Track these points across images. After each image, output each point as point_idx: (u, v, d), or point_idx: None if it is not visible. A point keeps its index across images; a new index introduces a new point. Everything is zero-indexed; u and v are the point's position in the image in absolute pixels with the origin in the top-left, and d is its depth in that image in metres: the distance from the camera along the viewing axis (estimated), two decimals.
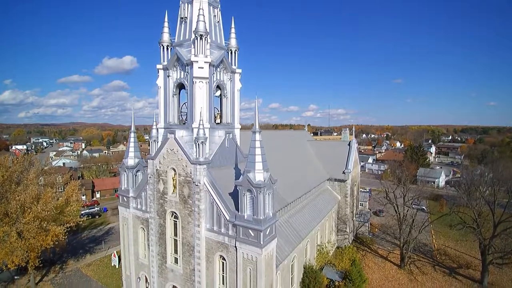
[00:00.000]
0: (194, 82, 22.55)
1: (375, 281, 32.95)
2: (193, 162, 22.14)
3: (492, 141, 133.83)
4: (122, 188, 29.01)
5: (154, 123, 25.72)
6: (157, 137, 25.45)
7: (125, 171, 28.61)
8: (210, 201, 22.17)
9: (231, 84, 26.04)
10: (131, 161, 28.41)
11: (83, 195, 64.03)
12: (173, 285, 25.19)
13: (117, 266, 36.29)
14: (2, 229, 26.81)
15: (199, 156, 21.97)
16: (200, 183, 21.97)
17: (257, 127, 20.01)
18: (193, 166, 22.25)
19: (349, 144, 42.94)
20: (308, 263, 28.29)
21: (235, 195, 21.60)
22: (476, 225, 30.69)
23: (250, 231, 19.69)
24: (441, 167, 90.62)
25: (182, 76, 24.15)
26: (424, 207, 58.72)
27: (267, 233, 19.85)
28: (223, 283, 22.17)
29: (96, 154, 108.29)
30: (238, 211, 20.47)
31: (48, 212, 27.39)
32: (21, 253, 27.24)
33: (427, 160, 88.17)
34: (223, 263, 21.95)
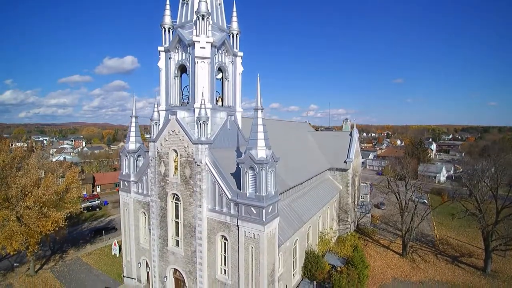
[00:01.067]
0: (196, 62, 22.50)
1: (377, 268, 32.74)
2: (194, 142, 22.05)
3: (493, 139, 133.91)
4: (123, 173, 28.93)
5: (155, 106, 25.65)
6: (158, 120, 25.38)
7: (126, 156, 28.55)
8: (212, 181, 22.06)
9: (233, 67, 25.99)
10: (132, 145, 28.34)
11: (84, 190, 63.89)
12: (174, 268, 25.05)
13: (117, 255, 36.09)
14: (2, 213, 26.73)
15: (200, 136, 21.88)
16: (201, 163, 21.87)
17: (259, 104, 19.94)
18: (194, 146, 22.16)
19: (350, 134, 42.86)
20: (310, 249, 28.12)
21: (237, 175, 21.51)
22: (479, 210, 30.50)
23: (252, 208, 19.57)
24: (442, 163, 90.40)
25: (183, 58, 24.12)
26: (425, 200, 58.51)
27: (269, 210, 19.73)
28: (224, 264, 22.02)
29: (97, 151, 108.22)
30: (240, 190, 20.36)
31: (49, 196, 27.28)
32: (20, 237, 27.13)
33: (428, 155, 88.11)
34: (225, 243, 21.81)
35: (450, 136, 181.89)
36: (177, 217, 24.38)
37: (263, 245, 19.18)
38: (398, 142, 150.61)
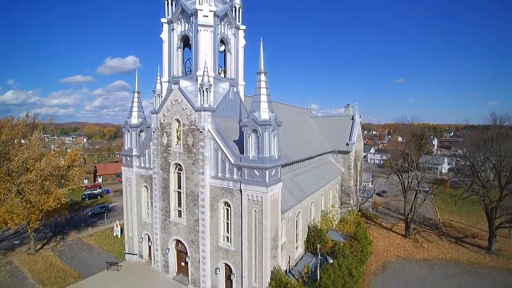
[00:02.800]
0: (199, 30, 22.57)
1: (380, 247, 32.49)
2: (197, 109, 22.04)
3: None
4: (126, 148, 28.93)
5: (158, 78, 25.68)
6: (161, 91, 25.39)
7: (129, 131, 28.55)
8: (215, 148, 22.02)
9: (235, 40, 26.05)
10: (134, 120, 28.38)
11: (86, 179, 64.00)
12: (177, 240, 24.93)
13: (119, 236, 35.98)
14: (4, 186, 26.71)
15: (203, 103, 21.88)
16: (204, 129, 21.84)
17: (261, 67, 19.95)
18: (197, 114, 22.14)
19: (352, 118, 42.79)
20: (312, 223, 27.95)
21: (239, 143, 21.48)
22: (482, 186, 30.26)
23: (255, 171, 19.50)
24: (443, 156, 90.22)
25: (186, 28, 24.19)
26: (427, 189, 58.19)
27: (272, 173, 19.64)
28: (227, 231, 21.90)
29: (97, 146, 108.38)
30: (243, 154, 20.30)
31: (51, 170, 27.27)
32: (22, 212, 27.07)
33: (430, 148, 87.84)
34: (227, 209, 21.71)
35: (452, 134, 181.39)
36: (179, 187, 24.32)
37: (266, 207, 19.07)
38: (400, 139, 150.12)
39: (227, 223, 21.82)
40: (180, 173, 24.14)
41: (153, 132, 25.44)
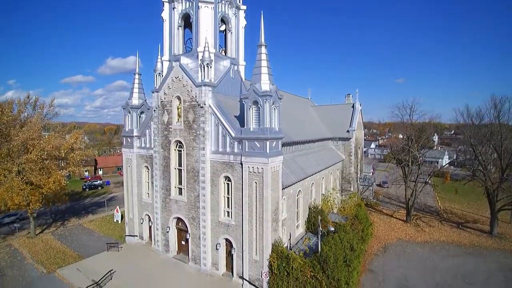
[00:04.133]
0: (200, 7, 22.64)
1: (381, 231, 32.41)
2: (198, 84, 22.06)
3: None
4: (126, 130, 28.94)
5: (159, 57, 25.73)
6: (162, 70, 25.44)
7: (129, 112, 28.57)
8: (215, 123, 22.02)
9: (236, 20, 26.10)
10: (135, 101, 28.42)
11: (86, 171, 63.99)
12: (177, 218, 24.89)
13: (119, 222, 35.92)
14: (4, 166, 26.71)
15: (204, 78, 21.91)
16: (205, 105, 21.85)
17: (262, 40, 19.97)
18: (198, 89, 22.16)
19: (352, 106, 42.80)
20: (313, 204, 27.89)
21: (240, 119, 21.48)
22: (483, 167, 30.17)
23: (256, 142, 19.48)
24: (444, 150, 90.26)
25: (187, 6, 24.21)
26: (428, 181, 58.12)
27: (273, 145, 19.62)
28: (228, 206, 21.85)
29: (98, 143, 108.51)
30: (244, 127, 20.30)
31: (51, 148, 27.30)
32: (22, 191, 26.98)
33: (431, 142, 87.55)
34: (228, 184, 21.67)
35: (452, 132, 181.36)
36: (180, 165, 24.31)
37: (267, 178, 19.02)
38: (400, 136, 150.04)
39: (228, 197, 21.78)
40: (180, 151, 24.13)
41: (154, 110, 25.46)
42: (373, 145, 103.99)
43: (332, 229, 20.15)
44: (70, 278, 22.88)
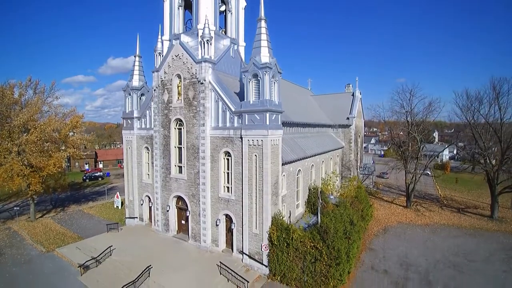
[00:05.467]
0: None
1: (381, 215, 32.34)
2: (198, 61, 22.12)
3: None
4: (126, 111, 28.99)
5: (159, 36, 25.82)
6: (162, 50, 25.52)
7: (130, 94, 28.64)
8: (215, 99, 22.06)
9: (236, 0, 26.21)
10: (135, 82, 28.48)
11: (86, 164, 63.99)
12: (177, 197, 24.89)
13: (119, 208, 35.93)
14: (4, 146, 26.75)
15: (204, 54, 21.99)
16: (205, 81, 21.91)
17: (262, 14, 20.04)
18: (198, 66, 22.23)
19: (352, 95, 42.86)
20: (313, 185, 27.87)
21: (240, 95, 21.53)
22: (483, 149, 30.11)
23: (256, 115, 19.51)
24: (444, 144, 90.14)
25: None
26: (428, 172, 58.16)
27: (273, 118, 19.64)
28: (227, 181, 21.85)
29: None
30: (244, 100, 20.34)
31: (51, 130, 27.36)
32: (21, 172, 27.00)
33: (431, 137, 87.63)
34: (228, 159, 21.69)
35: (453, 130, 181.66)
36: (180, 143, 24.34)
37: (267, 150, 19.03)
38: (401, 133, 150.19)
39: (228, 173, 21.78)
40: (180, 129, 24.17)
41: (154, 90, 25.52)
42: (373, 140, 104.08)
43: (332, 196, 20.08)
44: (69, 256, 22.87)
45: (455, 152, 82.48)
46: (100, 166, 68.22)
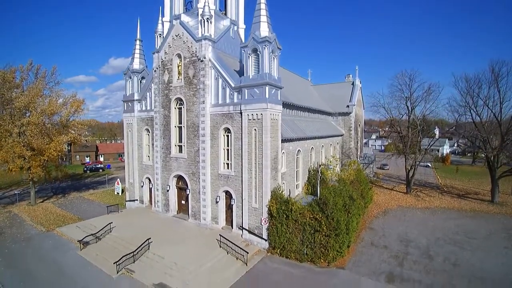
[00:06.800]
0: None
1: (381, 200, 32.29)
2: (198, 39, 22.27)
3: None
4: (127, 95, 29.14)
5: (160, 18, 26.00)
6: (162, 31, 25.70)
7: (130, 77, 28.79)
8: (215, 77, 22.17)
9: None
10: (136, 65, 28.65)
11: (87, 157, 64.13)
12: (177, 175, 24.92)
13: (120, 194, 35.99)
14: (5, 127, 26.89)
15: (204, 32, 22.13)
16: (205, 58, 22.03)
17: None
18: (198, 44, 22.37)
19: (352, 84, 42.95)
20: (313, 167, 27.88)
21: (240, 73, 21.62)
22: (484, 131, 30.05)
23: (255, 89, 19.60)
24: (445, 139, 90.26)
25: None
26: (429, 164, 58.16)
27: (272, 92, 19.73)
28: (227, 158, 21.91)
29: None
30: (244, 75, 20.44)
31: (51, 112, 27.52)
32: (22, 151, 27.08)
33: (431, 132, 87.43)
34: (227, 136, 21.76)
35: (453, 128, 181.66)
36: (180, 122, 24.44)
37: (266, 123, 19.10)
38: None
39: (227, 149, 21.85)
40: (181, 108, 24.28)
41: (154, 71, 25.66)
42: (373, 136, 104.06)
43: (331, 166, 20.05)
44: (69, 233, 22.94)
45: (455, 146, 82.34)
46: (101, 159, 68.43)
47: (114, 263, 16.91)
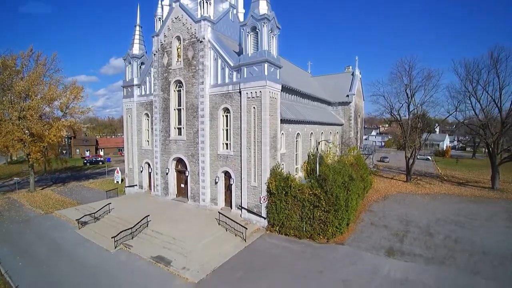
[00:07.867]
0: None
1: (381, 187, 32.14)
2: (197, 20, 22.28)
3: None
4: (127, 80, 29.15)
5: (159, 2, 26.04)
6: (162, 15, 25.74)
7: (130, 62, 28.80)
8: (214, 57, 22.16)
9: None
10: (136, 51, 28.67)
11: (87, 151, 64.12)
12: (177, 158, 24.86)
13: (119, 183, 35.90)
14: (5, 111, 26.91)
15: (203, 13, 22.15)
16: (204, 39, 22.03)
17: None
18: (197, 25, 22.38)
19: (352, 74, 42.91)
20: (312, 152, 27.78)
21: (239, 54, 21.58)
22: (484, 116, 29.96)
23: (254, 67, 19.58)
24: (445, 134, 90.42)
25: None
26: (429, 157, 58.08)
27: (271, 70, 19.70)
28: (226, 138, 21.85)
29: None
30: (243, 54, 20.42)
31: (51, 98, 27.54)
32: (21, 136, 27.07)
33: (431, 128, 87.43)
34: (226, 116, 21.71)
35: (454, 127, 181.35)
36: (179, 105, 24.41)
37: (265, 100, 19.05)
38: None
39: (226, 130, 21.80)
40: (180, 91, 24.26)
41: (154, 55, 25.67)
42: (373, 133, 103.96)
43: (331, 142, 19.83)
44: (68, 215, 22.87)
45: (456, 142, 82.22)
46: (101, 153, 68.38)
47: (112, 238, 16.85)
